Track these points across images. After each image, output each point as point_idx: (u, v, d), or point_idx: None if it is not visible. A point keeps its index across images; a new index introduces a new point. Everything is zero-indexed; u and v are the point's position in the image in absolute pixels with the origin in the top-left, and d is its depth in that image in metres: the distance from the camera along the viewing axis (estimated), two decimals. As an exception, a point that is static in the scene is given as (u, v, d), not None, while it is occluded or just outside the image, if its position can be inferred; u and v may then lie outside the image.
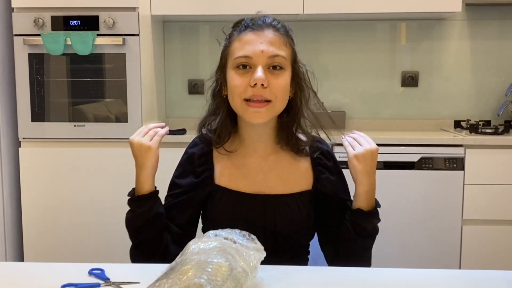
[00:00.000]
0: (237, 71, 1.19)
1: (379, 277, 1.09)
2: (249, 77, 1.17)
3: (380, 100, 3.09)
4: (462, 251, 2.55)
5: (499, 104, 3.00)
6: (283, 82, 1.19)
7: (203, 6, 2.69)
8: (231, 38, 1.24)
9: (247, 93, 1.17)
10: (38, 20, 2.50)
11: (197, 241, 0.96)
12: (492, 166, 2.51)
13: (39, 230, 2.58)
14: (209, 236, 0.97)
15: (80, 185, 2.56)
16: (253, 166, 1.28)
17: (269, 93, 1.17)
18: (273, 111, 1.20)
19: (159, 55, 2.98)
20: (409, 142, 2.53)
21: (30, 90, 2.56)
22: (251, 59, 1.17)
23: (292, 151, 1.29)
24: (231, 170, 1.28)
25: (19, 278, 1.07)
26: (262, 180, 1.27)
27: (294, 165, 1.29)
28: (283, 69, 1.20)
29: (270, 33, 1.20)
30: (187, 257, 0.91)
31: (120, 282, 1.03)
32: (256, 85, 1.16)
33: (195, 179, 1.28)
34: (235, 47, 1.21)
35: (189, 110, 3.13)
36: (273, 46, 1.18)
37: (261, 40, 1.18)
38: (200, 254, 0.91)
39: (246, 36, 1.20)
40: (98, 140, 2.57)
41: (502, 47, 3.01)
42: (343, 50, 3.06)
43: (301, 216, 1.26)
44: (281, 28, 1.23)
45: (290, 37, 1.24)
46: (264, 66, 1.17)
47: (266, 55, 1.17)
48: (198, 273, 0.85)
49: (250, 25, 1.21)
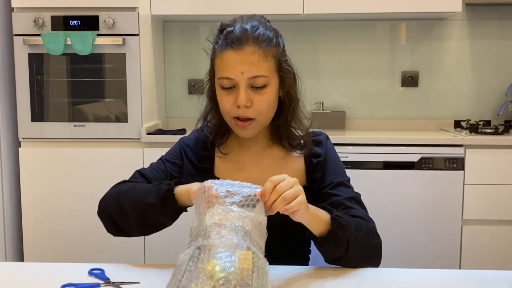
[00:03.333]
0: (222, 90, 1.24)
1: (379, 277, 1.09)
2: (234, 97, 1.21)
3: (380, 100, 3.09)
4: (462, 251, 2.55)
5: (499, 104, 3.00)
6: (267, 99, 1.22)
7: (203, 6, 2.69)
8: (215, 51, 1.26)
9: (233, 112, 1.22)
10: (38, 20, 2.50)
11: (216, 215, 0.95)
12: (492, 166, 2.51)
13: (39, 230, 2.58)
14: (223, 199, 0.97)
15: (80, 185, 2.56)
16: (248, 162, 1.32)
17: (252, 112, 1.21)
18: (259, 126, 1.25)
19: (159, 55, 2.98)
20: (409, 142, 2.53)
21: (30, 90, 2.56)
22: (233, 80, 1.20)
23: (285, 147, 1.32)
24: (227, 167, 1.32)
25: (19, 278, 1.07)
26: (257, 175, 1.29)
27: (288, 161, 1.32)
28: (266, 85, 1.21)
29: (250, 50, 1.19)
30: (211, 243, 0.90)
31: (120, 282, 1.03)
32: (239, 107, 1.20)
33: (197, 161, 1.32)
34: (218, 65, 1.24)
35: (189, 110, 3.12)
36: (253, 66, 1.19)
37: (241, 59, 1.19)
38: (223, 237, 0.91)
39: (227, 54, 1.21)
40: (98, 140, 2.57)
41: (502, 47, 3.01)
42: (343, 50, 3.06)
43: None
44: (262, 38, 1.21)
45: (273, 45, 1.23)
46: (246, 86, 1.20)
47: (246, 76, 1.19)
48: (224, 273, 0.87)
49: (229, 42, 1.21)
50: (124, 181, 1.29)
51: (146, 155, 2.55)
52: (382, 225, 1.26)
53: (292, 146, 1.31)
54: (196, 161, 1.32)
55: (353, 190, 1.28)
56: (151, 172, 1.31)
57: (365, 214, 1.23)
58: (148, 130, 2.58)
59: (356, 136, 2.58)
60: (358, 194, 1.28)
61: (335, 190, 1.26)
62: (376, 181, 2.50)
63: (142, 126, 2.55)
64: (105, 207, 1.23)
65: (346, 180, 1.29)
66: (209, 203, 0.96)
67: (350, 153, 2.51)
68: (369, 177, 2.50)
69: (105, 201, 1.24)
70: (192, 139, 1.36)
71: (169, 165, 1.32)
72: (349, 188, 1.28)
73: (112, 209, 1.20)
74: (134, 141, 2.56)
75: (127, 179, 1.30)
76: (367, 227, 1.17)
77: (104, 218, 1.22)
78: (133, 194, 1.18)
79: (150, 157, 2.55)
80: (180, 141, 1.37)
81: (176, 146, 1.37)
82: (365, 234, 1.15)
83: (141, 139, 2.55)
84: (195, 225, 0.95)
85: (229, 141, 1.34)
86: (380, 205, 2.50)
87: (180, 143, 1.37)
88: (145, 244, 2.58)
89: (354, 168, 2.49)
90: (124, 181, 1.29)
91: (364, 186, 2.44)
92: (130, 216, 1.16)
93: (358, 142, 2.53)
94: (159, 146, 2.55)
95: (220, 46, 1.24)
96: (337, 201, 1.23)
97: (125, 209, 1.17)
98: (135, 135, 2.55)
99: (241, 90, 1.19)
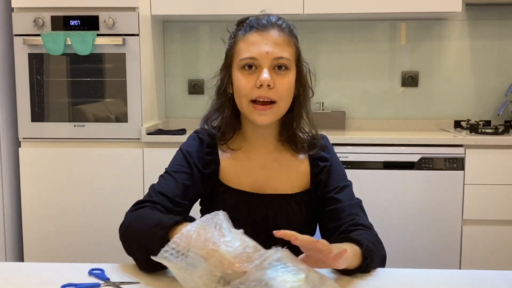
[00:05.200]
0: (242, 72, 1.21)
1: (379, 277, 1.09)
2: (255, 78, 1.19)
3: (380, 100, 3.09)
4: (462, 251, 2.55)
5: (499, 104, 3.00)
6: (288, 82, 1.21)
7: (203, 6, 2.69)
8: (236, 37, 1.24)
9: (253, 94, 1.19)
10: (38, 20, 2.50)
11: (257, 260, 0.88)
12: (492, 166, 2.51)
13: (39, 230, 2.58)
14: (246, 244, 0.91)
15: (80, 185, 2.56)
16: (256, 163, 1.29)
17: (274, 94, 1.19)
18: (278, 112, 1.22)
19: (159, 55, 2.98)
20: (409, 142, 2.53)
21: (30, 90, 2.56)
22: (256, 60, 1.19)
23: (292, 148, 1.30)
24: (234, 168, 1.29)
25: (19, 278, 1.07)
26: (264, 178, 1.28)
27: (294, 163, 1.31)
28: (288, 69, 1.21)
29: (275, 34, 1.21)
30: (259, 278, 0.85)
31: (120, 282, 1.03)
32: (262, 86, 1.18)
33: (202, 167, 1.26)
34: (241, 48, 1.22)
35: (189, 110, 3.13)
36: (278, 48, 1.19)
37: (266, 41, 1.19)
38: (266, 269, 0.86)
39: (251, 36, 1.21)
40: (98, 140, 2.57)
41: (502, 47, 3.01)
42: (343, 50, 3.06)
43: (302, 216, 1.27)
44: (286, 27, 1.24)
45: (295, 36, 1.25)
46: (269, 67, 1.19)
47: (271, 57, 1.19)
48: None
49: (255, 25, 1.22)
50: (138, 206, 1.17)
51: (146, 155, 2.55)
52: (382, 225, 1.27)
53: (298, 147, 1.30)
54: (202, 167, 1.27)
55: (354, 196, 1.30)
56: (167, 187, 1.22)
57: (368, 222, 1.25)
58: (148, 130, 2.58)
59: (356, 136, 2.58)
60: (360, 200, 1.29)
61: (339, 194, 1.26)
62: (376, 181, 2.50)
63: (142, 126, 2.55)
64: (121, 242, 1.15)
65: (349, 185, 1.30)
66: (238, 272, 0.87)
67: (350, 153, 2.51)
68: (369, 177, 2.50)
69: (120, 234, 1.16)
70: (194, 145, 1.30)
71: (178, 176, 1.24)
72: (352, 193, 1.29)
73: (125, 246, 1.14)
74: (134, 141, 2.56)
75: (143, 202, 1.19)
76: (378, 242, 1.19)
77: (125, 250, 1.15)
78: (137, 233, 1.10)
79: (150, 157, 2.55)
80: (182, 149, 1.30)
81: (178, 155, 1.30)
82: (380, 249, 1.17)
83: (141, 139, 2.55)
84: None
85: (237, 140, 1.30)
86: (380, 205, 2.50)
87: (182, 151, 1.30)
88: (145, 244, 2.57)
89: (354, 168, 2.49)
90: (138, 206, 1.17)
91: (364, 186, 2.46)
92: (138, 258, 1.10)
93: (358, 142, 2.53)
94: (159, 146, 2.56)
95: (244, 31, 1.23)
96: (341, 207, 1.24)
97: (133, 252, 1.11)
98: (135, 135, 2.55)
99: (264, 69, 1.18)
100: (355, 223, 1.21)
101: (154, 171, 2.60)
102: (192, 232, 0.93)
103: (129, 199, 2.79)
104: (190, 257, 0.90)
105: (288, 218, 1.26)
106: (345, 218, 1.22)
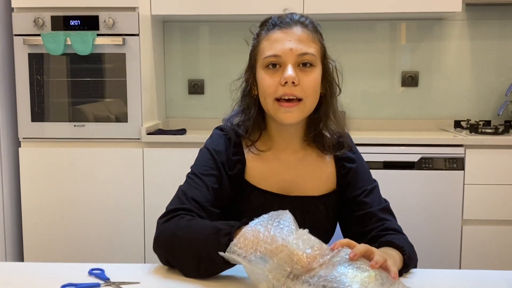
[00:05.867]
0: (267, 70, 1.19)
1: (379, 277, 1.09)
2: (279, 76, 1.17)
3: (380, 100, 3.09)
4: (462, 251, 2.55)
5: (499, 104, 3.00)
6: (314, 79, 1.19)
7: (203, 6, 2.69)
8: (259, 37, 1.23)
9: (278, 92, 1.17)
10: (38, 20, 2.50)
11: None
12: (492, 166, 2.51)
13: (39, 230, 2.58)
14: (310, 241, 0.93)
15: (80, 185, 2.56)
16: (282, 163, 1.27)
17: (300, 91, 1.17)
18: (304, 110, 1.20)
19: (159, 55, 2.98)
20: (409, 142, 2.53)
21: (30, 90, 2.56)
22: (280, 58, 1.17)
23: (318, 148, 1.28)
24: (261, 168, 1.26)
25: (19, 278, 1.07)
26: (291, 179, 1.26)
27: (321, 163, 1.29)
28: (313, 66, 1.19)
29: (299, 30, 1.19)
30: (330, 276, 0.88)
31: (120, 282, 1.03)
32: (286, 84, 1.15)
33: (229, 168, 1.24)
34: (264, 46, 1.20)
35: (189, 110, 3.13)
36: (301, 44, 1.17)
37: (290, 38, 1.18)
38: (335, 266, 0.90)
39: (274, 34, 1.19)
40: (98, 140, 2.57)
41: (502, 47, 3.01)
42: (343, 50, 3.06)
43: (328, 218, 1.27)
44: (309, 24, 1.22)
45: (319, 33, 1.24)
46: (294, 64, 1.17)
47: (295, 53, 1.17)
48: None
49: (277, 23, 1.20)
50: (173, 214, 1.12)
51: (146, 155, 2.55)
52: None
53: (324, 148, 1.27)
54: (228, 168, 1.23)
55: (382, 197, 1.29)
56: (199, 193, 1.18)
57: (397, 225, 1.25)
58: (148, 130, 2.58)
59: (356, 136, 2.55)
60: (388, 203, 1.29)
61: (367, 198, 1.26)
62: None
63: (142, 126, 2.55)
64: (162, 251, 1.10)
65: (376, 186, 1.29)
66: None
67: (350, 153, 2.51)
68: (369, 177, 2.50)
69: (161, 243, 1.10)
70: (221, 143, 1.26)
71: (207, 179, 1.20)
72: (380, 195, 1.29)
73: (168, 255, 1.08)
74: (134, 141, 2.56)
75: (177, 210, 1.13)
76: (412, 246, 1.19)
77: (162, 259, 1.11)
78: (188, 241, 1.05)
79: (150, 157, 2.55)
80: (209, 148, 1.25)
81: (205, 154, 1.25)
82: (415, 255, 1.17)
83: (141, 139, 2.55)
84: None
85: (263, 140, 1.27)
86: (380, 205, 2.50)
87: (209, 150, 1.25)
88: (145, 244, 2.58)
89: (354, 168, 2.49)
90: (173, 214, 1.12)
91: (364, 186, 2.45)
92: (188, 267, 1.06)
93: (358, 142, 2.49)
94: (159, 146, 2.56)
95: (266, 30, 1.21)
96: (371, 212, 1.23)
97: (181, 260, 1.06)
98: (135, 135, 2.55)
99: (288, 66, 1.16)
100: (386, 228, 1.20)
101: (154, 171, 2.62)
102: (259, 227, 0.96)
103: (129, 199, 2.80)
104: (259, 251, 0.93)
105: (315, 220, 1.25)
106: (375, 224, 1.22)
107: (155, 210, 2.53)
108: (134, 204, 2.56)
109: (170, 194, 1.22)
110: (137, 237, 2.57)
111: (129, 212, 2.56)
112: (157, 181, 2.54)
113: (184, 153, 2.37)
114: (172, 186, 1.26)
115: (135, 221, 2.56)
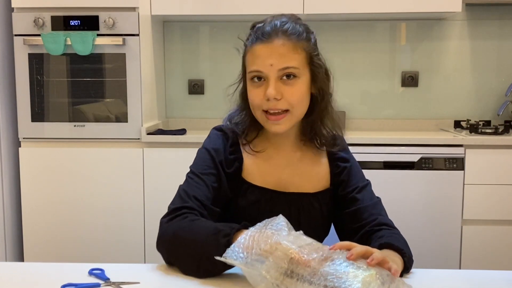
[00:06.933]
0: (252, 83, 1.21)
1: (379, 277, 1.09)
2: (264, 89, 1.19)
3: (380, 100, 3.09)
4: (462, 251, 2.55)
5: (499, 104, 3.00)
6: (297, 90, 1.20)
7: (203, 6, 2.69)
8: (246, 47, 1.25)
9: (264, 105, 1.20)
10: (38, 20, 2.50)
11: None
12: (492, 166, 2.51)
13: (39, 230, 2.58)
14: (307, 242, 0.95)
15: (80, 185, 2.56)
16: (279, 162, 1.29)
17: (284, 104, 1.19)
18: (292, 119, 1.22)
19: (159, 55, 2.98)
20: (409, 142, 2.53)
21: (30, 90, 2.56)
22: (262, 73, 1.19)
23: (315, 144, 1.31)
24: (258, 166, 1.28)
25: (19, 278, 1.07)
26: (287, 177, 1.28)
27: (316, 162, 1.32)
28: (297, 77, 1.20)
29: (279, 42, 1.19)
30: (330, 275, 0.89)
31: (120, 282, 1.03)
32: (269, 99, 1.18)
33: (226, 166, 1.25)
34: (248, 60, 1.23)
35: (189, 110, 3.13)
36: (283, 58, 1.18)
37: (270, 52, 1.18)
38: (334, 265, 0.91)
39: (256, 48, 1.20)
40: (98, 140, 2.57)
41: (502, 47, 3.01)
42: (343, 50, 3.06)
43: (322, 215, 1.29)
44: (292, 31, 1.21)
45: (303, 39, 1.23)
46: (276, 78, 1.18)
47: (276, 68, 1.18)
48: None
49: (259, 36, 1.21)
50: (176, 214, 1.13)
51: (146, 155, 2.55)
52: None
53: (321, 145, 1.30)
54: (226, 166, 1.25)
55: (374, 194, 1.31)
56: (200, 191, 1.19)
57: (389, 219, 1.26)
58: (148, 130, 2.58)
59: (356, 136, 2.57)
60: (379, 198, 1.31)
61: (359, 194, 1.28)
62: (376, 181, 2.48)
63: (142, 126, 2.55)
64: (164, 250, 1.12)
65: (368, 184, 1.32)
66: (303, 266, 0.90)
67: (350, 153, 2.51)
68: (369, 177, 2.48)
69: (163, 243, 1.12)
70: (219, 143, 1.27)
71: (207, 178, 1.22)
72: (372, 192, 1.31)
73: (170, 254, 1.11)
74: (134, 141, 2.56)
75: (180, 209, 1.15)
76: (406, 243, 1.20)
77: (164, 258, 1.14)
78: (189, 242, 1.07)
79: (150, 157, 2.55)
80: (207, 147, 1.27)
81: (204, 154, 1.26)
82: (411, 253, 1.16)
83: (141, 139, 2.55)
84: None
85: (260, 139, 1.30)
86: (380, 205, 2.50)
87: (207, 150, 1.26)
88: (145, 244, 2.58)
89: (354, 168, 2.49)
90: (176, 214, 1.13)
91: (364, 186, 2.45)
92: (188, 267, 1.07)
93: (358, 142, 2.53)
94: (159, 146, 2.56)
95: (250, 42, 1.23)
96: (363, 208, 1.25)
97: (182, 260, 1.08)
98: (135, 135, 2.55)
99: (270, 82, 1.18)
100: (378, 222, 1.22)
101: (154, 171, 2.62)
102: (254, 232, 0.97)
103: (129, 199, 2.80)
104: (254, 254, 0.93)
105: (310, 217, 1.27)
106: (367, 218, 1.23)
107: (155, 210, 2.53)
108: (134, 204, 2.56)
109: (170, 194, 1.22)
110: (137, 237, 2.57)
111: (129, 212, 2.56)
112: (157, 181, 2.54)
113: (184, 153, 2.37)
114: (172, 186, 1.27)
115: (135, 221, 2.56)
